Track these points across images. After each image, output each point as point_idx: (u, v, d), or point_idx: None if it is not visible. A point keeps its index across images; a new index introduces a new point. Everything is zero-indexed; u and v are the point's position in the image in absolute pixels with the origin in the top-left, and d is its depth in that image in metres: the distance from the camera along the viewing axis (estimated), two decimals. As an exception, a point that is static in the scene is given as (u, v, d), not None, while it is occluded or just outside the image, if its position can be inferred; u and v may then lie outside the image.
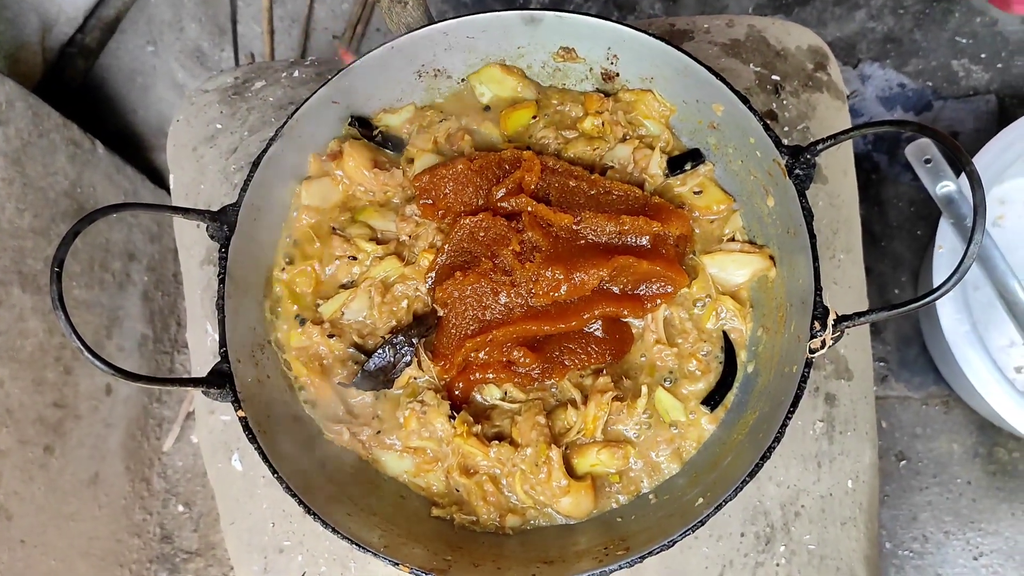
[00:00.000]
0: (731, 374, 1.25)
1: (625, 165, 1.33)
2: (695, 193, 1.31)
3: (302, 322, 1.27)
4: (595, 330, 1.25)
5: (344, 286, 1.30)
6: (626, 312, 1.26)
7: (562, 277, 1.20)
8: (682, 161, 1.31)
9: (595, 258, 1.21)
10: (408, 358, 1.24)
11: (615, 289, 1.25)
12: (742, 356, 1.26)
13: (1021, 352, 2.05)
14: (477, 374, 1.26)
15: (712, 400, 1.24)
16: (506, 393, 1.27)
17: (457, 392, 1.27)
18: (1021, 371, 2.05)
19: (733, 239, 1.29)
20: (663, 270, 1.23)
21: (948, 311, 1.87)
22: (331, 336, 1.26)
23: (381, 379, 1.25)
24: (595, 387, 1.24)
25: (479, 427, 1.22)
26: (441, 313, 1.26)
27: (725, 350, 1.26)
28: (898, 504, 2.23)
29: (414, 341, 1.24)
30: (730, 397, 1.24)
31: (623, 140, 1.33)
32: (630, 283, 1.25)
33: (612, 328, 1.26)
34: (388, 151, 1.35)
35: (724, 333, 1.27)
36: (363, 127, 1.33)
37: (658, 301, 1.26)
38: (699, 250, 1.29)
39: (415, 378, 1.26)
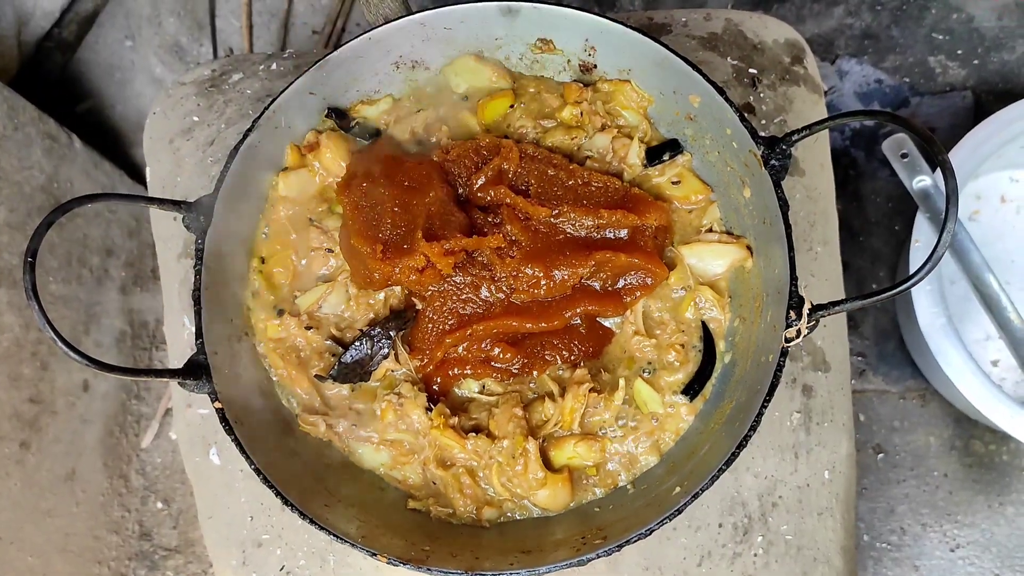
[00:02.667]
0: (710, 363, 1.25)
1: (604, 154, 1.33)
2: (673, 183, 1.32)
3: (280, 313, 1.27)
4: (577, 326, 1.26)
5: (322, 278, 1.30)
6: (608, 311, 1.26)
7: (541, 274, 1.21)
8: (660, 151, 1.32)
9: (575, 253, 1.22)
10: (385, 351, 1.24)
11: (596, 285, 1.26)
12: (720, 346, 1.26)
13: (997, 346, 2.07)
14: (456, 369, 1.26)
15: (691, 390, 1.25)
16: (484, 386, 1.27)
17: (435, 386, 1.27)
18: (997, 364, 2.07)
19: (711, 230, 1.29)
20: (642, 263, 1.23)
21: (924, 305, 1.88)
22: (308, 328, 1.26)
23: (358, 371, 1.25)
24: (572, 379, 1.24)
25: (456, 419, 1.22)
26: (419, 306, 1.26)
27: (704, 340, 1.26)
28: (876, 497, 2.24)
29: (392, 334, 1.24)
30: (709, 387, 1.25)
31: (602, 130, 1.33)
32: (610, 278, 1.25)
33: (592, 325, 1.27)
34: (365, 142, 1.34)
35: (703, 323, 1.27)
36: (340, 118, 1.32)
37: (637, 294, 1.26)
38: (677, 240, 1.30)
39: (392, 371, 1.26)
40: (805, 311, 1.05)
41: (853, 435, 1.45)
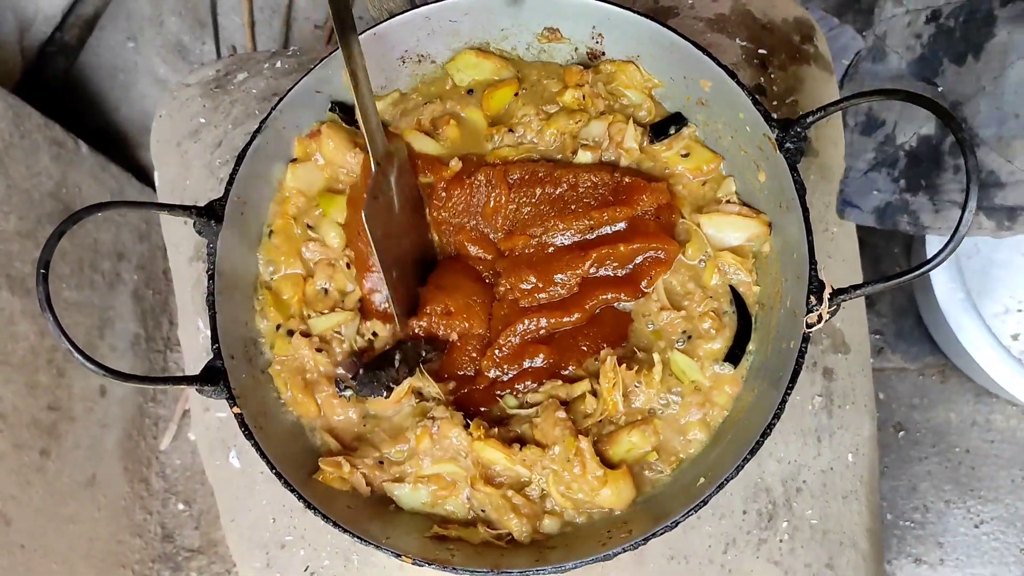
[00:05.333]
0: (747, 325, 1.21)
1: (600, 142, 1.30)
2: (683, 156, 1.29)
3: (289, 333, 1.24)
4: (600, 315, 1.25)
5: (326, 290, 1.28)
6: (627, 296, 1.24)
7: (537, 282, 1.23)
8: (665, 126, 1.29)
9: (571, 256, 1.23)
10: (412, 368, 1.21)
11: (608, 273, 1.25)
12: (753, 308, 1.22)
13: (1016, 319, 2.05)
14: (498, 392, 1.24)
15: (733, 356, 1.20)
16: (524, 401, 1.23)
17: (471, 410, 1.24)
18: (1017, 338, 2.05)
19: (730, 202, 1.26)
20: (647, 244, 1.22)
21: (942, 280, 1.87)
22: (319, 350, 1.23)
23: (382, 381, 1.21)
24: (600, 362, 1.21)
25: (496, 430, 1.17)
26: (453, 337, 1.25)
27: (736, 304, 1.23)
28: (898, 475, 2.23)
29: (423, 352, 1.22)
30: (751, 349, 1.21)
31: (603, 112, 1.30)
32: (620, 266, 1.24)
33: (609, 311, 1.26)
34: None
35: (731, 287, 1.23)
36: (344, 112, 1.31)
37: (654, 272, 1.23)
38: (694, 210, 1.27)
39: (419, 391, 1.22)
40: (826, 296, 1.04)
41: (875, 416, 1.44)
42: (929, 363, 2.28)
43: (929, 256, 0.98)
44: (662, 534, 1.05)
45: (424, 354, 1.22)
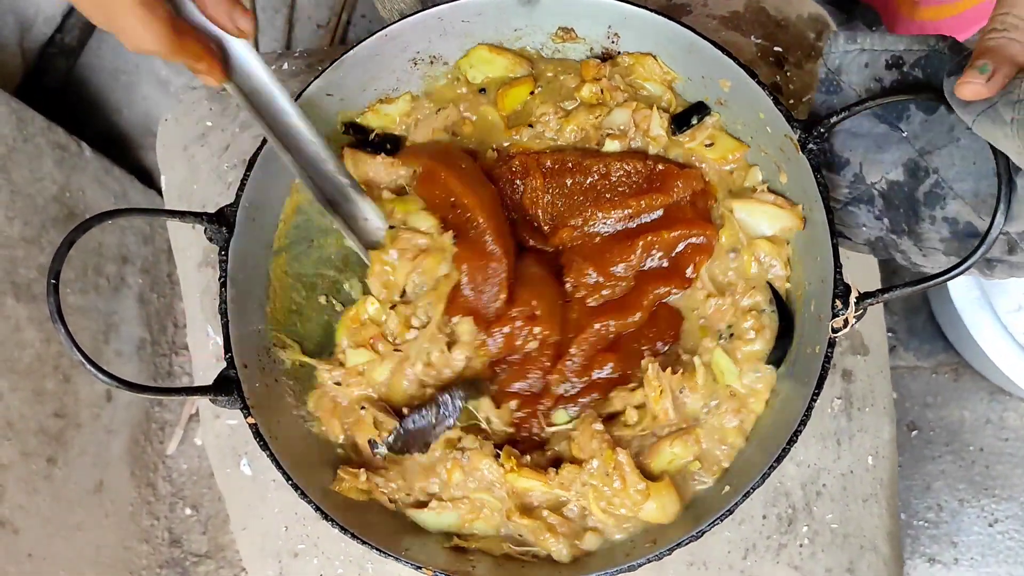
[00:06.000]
0: (788, 325, 1.17)
1: (625, 131, 1.27)
2: (707, 146, 1.25)
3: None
4: (655, 313, 1.22)
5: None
6: (676, 287, 1.21)
7: (596, 274, 1.19)
8: (687, 116, 1.26)
9: (619, 246, 1.19)
10: (451, 421, 1.15)
11: (655, 265, 1.23)
12: (795, 305, 1.18)
13: (1031, 316, 2.04)
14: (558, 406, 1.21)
15: (774, 358, 1.16)
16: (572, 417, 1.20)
17: (525, 431, 1.20)
18: (1032, 335, 2.04)
19: (765, 191, 1.21)
20: (688, 231, 1.20)
21: (958, 279, 1.85)
22: (337, 384, 1.21)
23: (419, 442, 1.15)
24: (643, 372, 1.17)
25: (528, 458, 1.13)
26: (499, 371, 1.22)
27: (776, 302, 1.18)
28: (911, 475, 2.21)
29: (458, 403, 1.16)
30: (794, 349, 1.16)
31: (622, 104, 1.28)
32: (664, 256, 1.22)
33: (663, 308, 1.23)
34: (386, 155, 1.29)
35: (769, 284, 1.19)
36: (358, 133, 1.29)
37: (697, 260, 1.21)
38: (727, 196, 1.23)
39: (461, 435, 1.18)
40: (852, 300, 1.02)
41: (894, 418, 1.42)
42: (942, 361, 2.26)
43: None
44: (687, 543, 1.03)
45: (460, 403, 1.16)
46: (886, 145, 1.08)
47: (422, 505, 1.16)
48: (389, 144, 1.31)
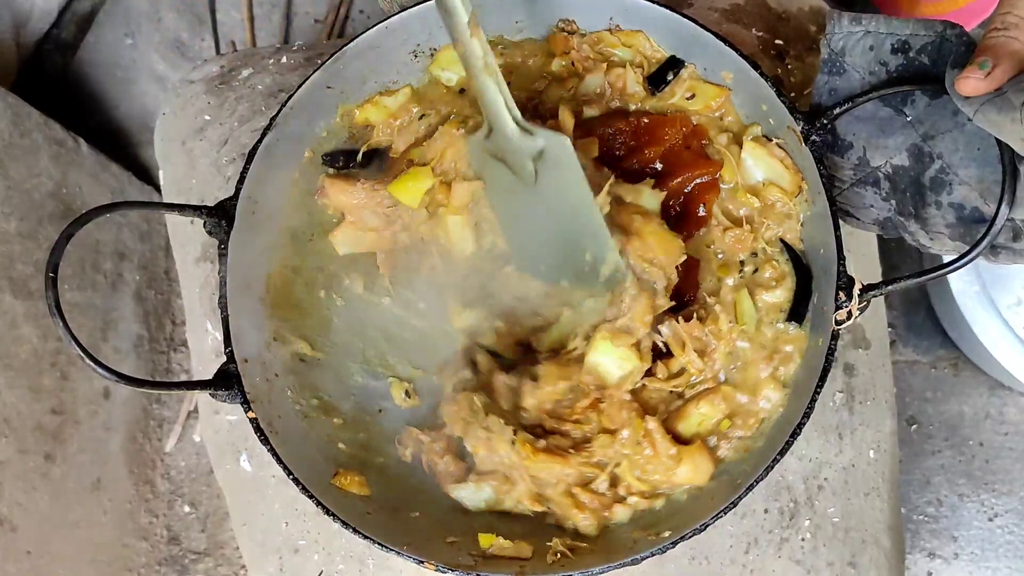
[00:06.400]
0: (806, 278, 1.15)
1: (602, 93, 1.26)
2: (688, 99, 1.24)
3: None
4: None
5: None
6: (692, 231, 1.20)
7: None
8: (662, 74, 1.24)
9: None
10: None
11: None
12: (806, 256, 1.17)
13: (1030, 311, 2.04)
14: None
15: (796, 314, 1.15)
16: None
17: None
18: (1032, 330, 2.04)
19: (780, 147, 1.18)
20: (691, 172, 1.19)
21: (958, 273, 1.84)
22: None
23: None
24: (671, 336, 1.16)
25: (543, 442, 1.12)
26: None
27: (790, 258, 1.17)
28: (911, 469, 2.21)
29: None
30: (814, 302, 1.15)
31: (593, 70, 1.26)
32: (675, 203, 1.21)
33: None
34: (372, 171, 1.28)
35: (781, 241, 1.18)
36: (334, 161, 1.28)
37: (707, 198, 1.20)
38: (730, 141, 1.21)
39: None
40: (856, 292, 1.01)
41: (896, 412, 1.42)
42: (941, 356, 2.26)
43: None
44: (690, 537, 1.03)
45: None
46: (890, 129, 1.08)
47: (461, 480, 1.17)
48: (377, 157, 1.29)
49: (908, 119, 1.06)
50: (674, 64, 1.24)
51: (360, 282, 1.28)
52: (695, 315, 1.15)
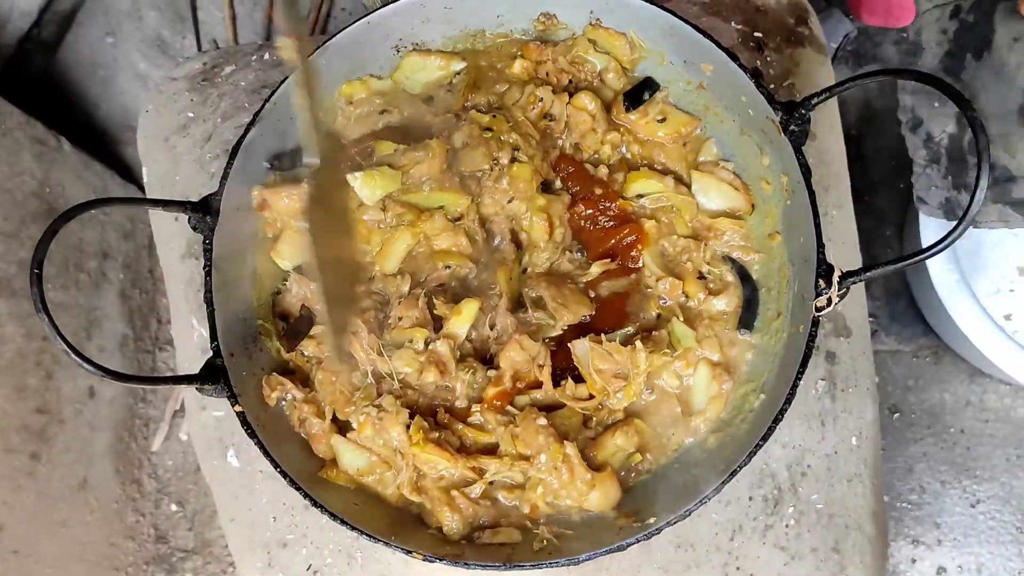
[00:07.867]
0: (752, 291, 1.20)
1: (566, 119, 1.28)
2: (659, 121, 1.27)
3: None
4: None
5: None
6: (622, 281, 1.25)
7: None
8: (639, 93, 1.27)
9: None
10: None
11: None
12: (757, 275, 1.22)
13: (1008, 299, 2.06)
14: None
15: (746, 322, 1.19)
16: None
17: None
18: (1010, 318, 2.06)
19: (724, 168, 1.25)
20: (616, 239, 1.25)
21: (937, 262, 1.87)
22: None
23: None
24: (583, 355, 1.18)
25: (437, 434, 1.13)
26: None
27: (737, 272, 1.22)
28: (894, 457, 2.24)
29: None
30: (758, 326, 1.20)
31: (566, 87, 1.29)
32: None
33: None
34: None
35: (728, 257, 1.23)
36: (280, 162, 1.27)
37: (635, 250, 1.25)
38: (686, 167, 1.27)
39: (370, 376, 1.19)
40: (835, 279, 1.03)
41: (877, 399, 1.44)
42: (923, 344, 2.28)
43: (924, 238, 0.99)
44: (675, 523, 1.04)
45: None
46: (943, 98, 1.10)
47: (345, 431, 1.17)
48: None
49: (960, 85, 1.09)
50: (650, 84, 1.27)
51: None
52: (629, 341, 1.18)
